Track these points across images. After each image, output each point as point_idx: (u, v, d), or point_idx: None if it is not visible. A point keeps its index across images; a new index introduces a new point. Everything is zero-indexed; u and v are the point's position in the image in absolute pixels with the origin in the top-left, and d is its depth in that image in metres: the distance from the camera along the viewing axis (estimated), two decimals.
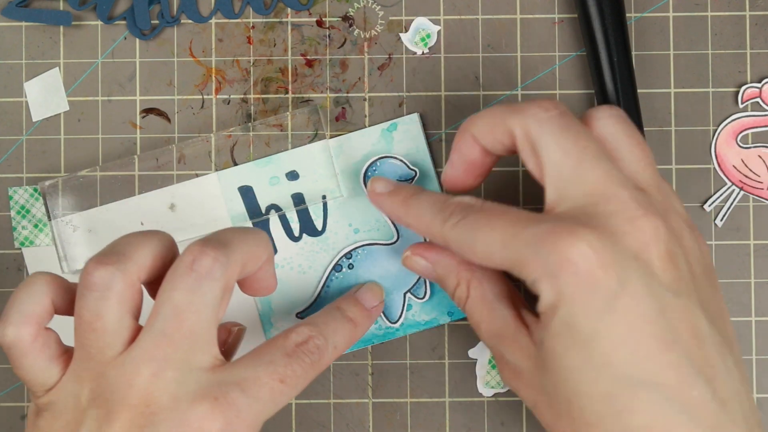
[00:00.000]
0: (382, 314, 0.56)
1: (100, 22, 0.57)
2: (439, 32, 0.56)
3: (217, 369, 0.45)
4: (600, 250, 0.42)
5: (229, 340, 0.51)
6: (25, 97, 0.57)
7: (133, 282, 0.45)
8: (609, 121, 0.47)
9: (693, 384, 0.42)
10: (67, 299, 0.47)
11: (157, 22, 0.56)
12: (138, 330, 0.45)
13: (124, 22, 0.56)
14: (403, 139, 0.56)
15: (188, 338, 0.44)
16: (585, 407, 0.43)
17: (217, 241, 0.45)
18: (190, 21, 0.56)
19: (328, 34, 0.57)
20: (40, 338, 0.46)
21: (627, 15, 0.55)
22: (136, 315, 0.46)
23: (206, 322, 0.45)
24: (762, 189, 0.56)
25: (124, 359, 0.44)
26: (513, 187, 0.56)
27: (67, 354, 0.46)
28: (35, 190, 0.56)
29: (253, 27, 0.57)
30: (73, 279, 0.56)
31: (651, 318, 0.42)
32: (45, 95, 0.57)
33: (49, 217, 0.55)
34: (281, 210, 0.56)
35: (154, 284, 0.46)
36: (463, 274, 0.50)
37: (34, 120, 0.57)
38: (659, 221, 0.43)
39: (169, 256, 0.47)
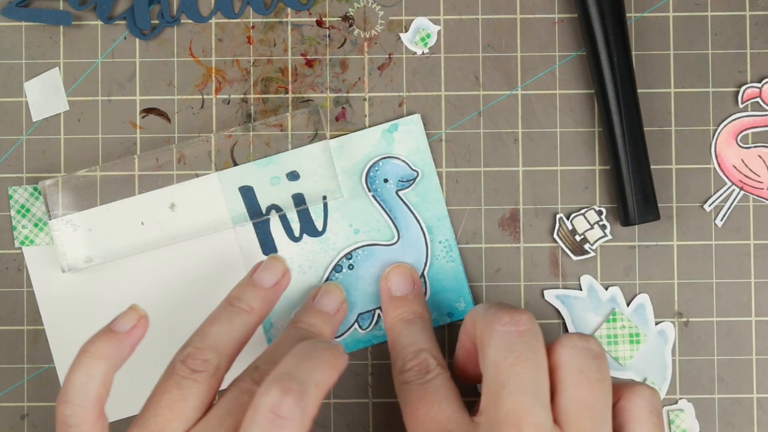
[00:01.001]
0: (382, 315, 0.55)
1: (100, 22, 0.57)
2: (439, 32, 0.56)
3: None
4: None
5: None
6: (25, 97, 0.57)
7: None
8: (569, 351, 0.47)
9: None
10: (121, 362, 0.48)
11: (157, 22, 0.56)
12: None
13: (124, 22, 0.56)
14: (404, 139, 0.56)
15: None
16: None
17: (296, 391, 0.43)
18: (190, 21, 0.56)
19: (328, 34, 0.57)
20: (100, 422, 0.47)
21: (627, 15, 0.55)
22: None
23: None
24: (762, 189, 0.56)
25: None
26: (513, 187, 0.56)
27: None
28: (35, 189, 0.56)
29: (253, 27, 0.56)
30: (72, 277, 0.56)
31: None
32: (45, 95, 0.56)
33: (49, 216, 0.55)
34: (282, 210, 0.56)
35: None
36: None
37: (34, 120, 0.57)
38: None
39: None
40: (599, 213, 0.56)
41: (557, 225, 0.56)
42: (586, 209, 0.56)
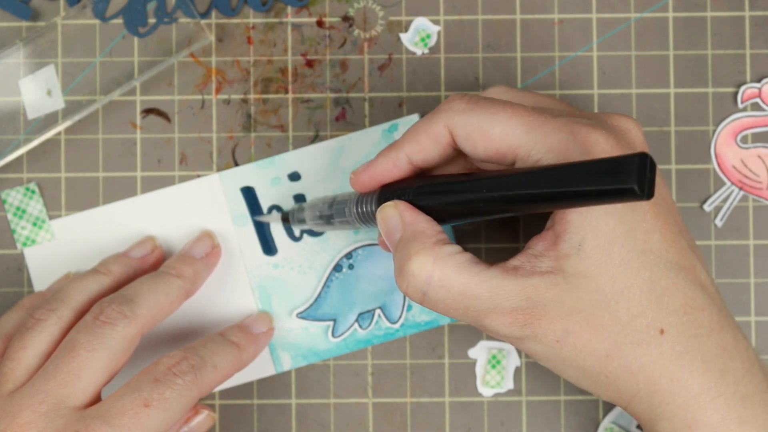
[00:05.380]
0: (381, 314, 0.56)
1: (98, 21, 0.56)
2: (439, 32, 0.56)
3: (89, 406, 0.47)
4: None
5: (192, 422, 0.52)
6: (22, 95, 0.56)
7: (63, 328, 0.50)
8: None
9: (700, 269, 0.46)
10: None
11: (154, 20, 0.56)
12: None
13: (121, 21, 0.56)
14: None
15: (74, 374, 0.47)
16: (632, 298, 0.44)
17: (123, 297, 0.50)
18: (188, 19, 0.56)
19: (328, 34, 0.56)
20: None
21: (627, 15, 0.56)
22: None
23: (98, 362, 0.48)
24: (761, 189, 0.56)
25: (17, 392, 0.48)
26: None
27: None
28: (27, 189, 0.56)
29: (253, 27, 0.56)
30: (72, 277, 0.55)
31: (671, 207, 0.46)
32: (40, 93, 0.56)
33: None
34: (283, 210, 0.56)
35: None
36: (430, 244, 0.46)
37: (30, 118, 0.56)
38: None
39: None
40: None
41: None
42: None
